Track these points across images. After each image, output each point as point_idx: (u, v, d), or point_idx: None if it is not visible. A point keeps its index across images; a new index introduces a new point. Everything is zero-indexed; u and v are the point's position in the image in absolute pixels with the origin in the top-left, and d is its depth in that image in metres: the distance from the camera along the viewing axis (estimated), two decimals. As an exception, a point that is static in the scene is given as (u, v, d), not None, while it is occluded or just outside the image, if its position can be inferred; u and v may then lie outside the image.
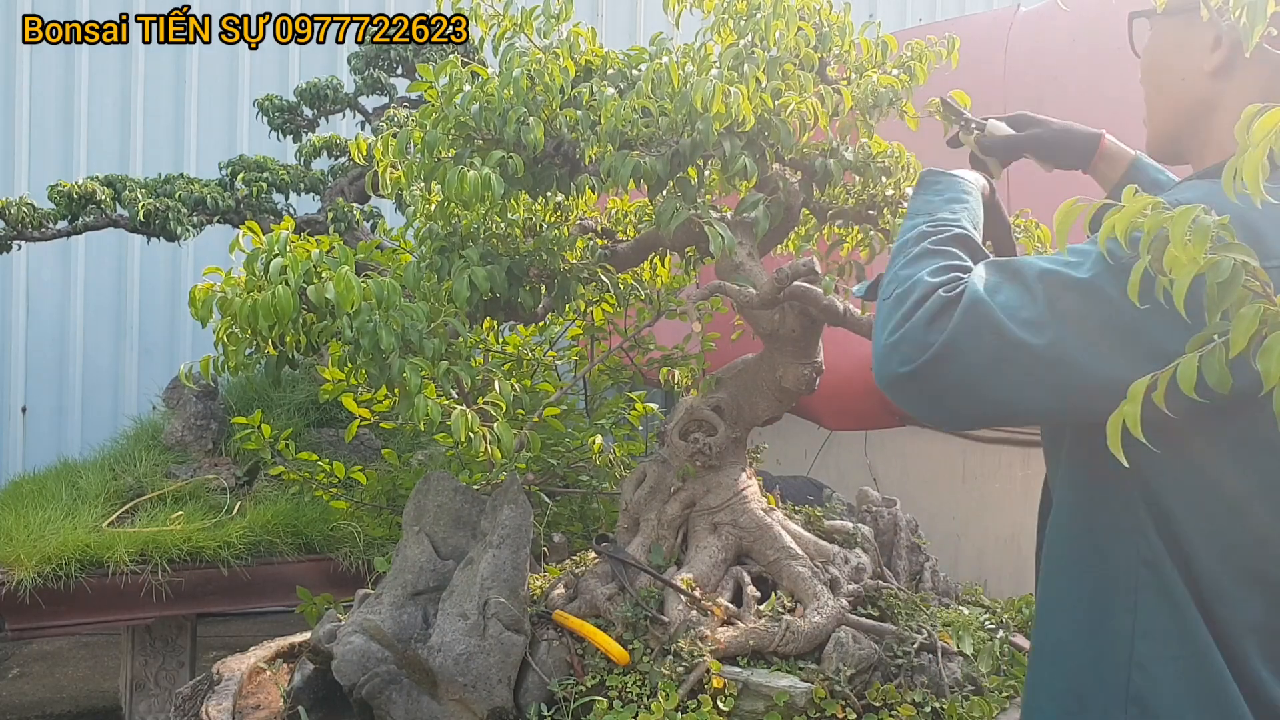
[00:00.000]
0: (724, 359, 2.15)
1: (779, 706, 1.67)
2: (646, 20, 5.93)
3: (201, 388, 3.73)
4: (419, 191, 1.89)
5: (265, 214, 3.93)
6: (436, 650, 1.78)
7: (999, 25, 3.35)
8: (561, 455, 2.70)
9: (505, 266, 1.81)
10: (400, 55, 4.17)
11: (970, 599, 2.23)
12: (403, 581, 1.92)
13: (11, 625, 3.05)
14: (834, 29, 1.82)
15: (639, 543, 1.98)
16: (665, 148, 1.70)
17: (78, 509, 3.29)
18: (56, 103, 5.10)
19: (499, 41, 1.77)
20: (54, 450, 4.70)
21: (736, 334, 2.29)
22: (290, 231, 1.68)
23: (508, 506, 1.92)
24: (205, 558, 3.15)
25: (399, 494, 2.83)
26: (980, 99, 3.16)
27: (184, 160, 5.21)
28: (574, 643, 1.86)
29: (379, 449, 3.49)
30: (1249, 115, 0.80)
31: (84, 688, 4.45)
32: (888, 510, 2.26)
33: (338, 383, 2.60)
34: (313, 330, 1.63)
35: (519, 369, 2.72)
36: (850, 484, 2.86)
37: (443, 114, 1.72)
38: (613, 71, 1.80)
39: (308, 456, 2.76)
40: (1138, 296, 0.86)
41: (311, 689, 1.93)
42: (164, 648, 3.43)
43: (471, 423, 1.60)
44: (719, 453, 1.96)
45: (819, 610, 1.84)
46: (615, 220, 2.16)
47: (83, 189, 3.72)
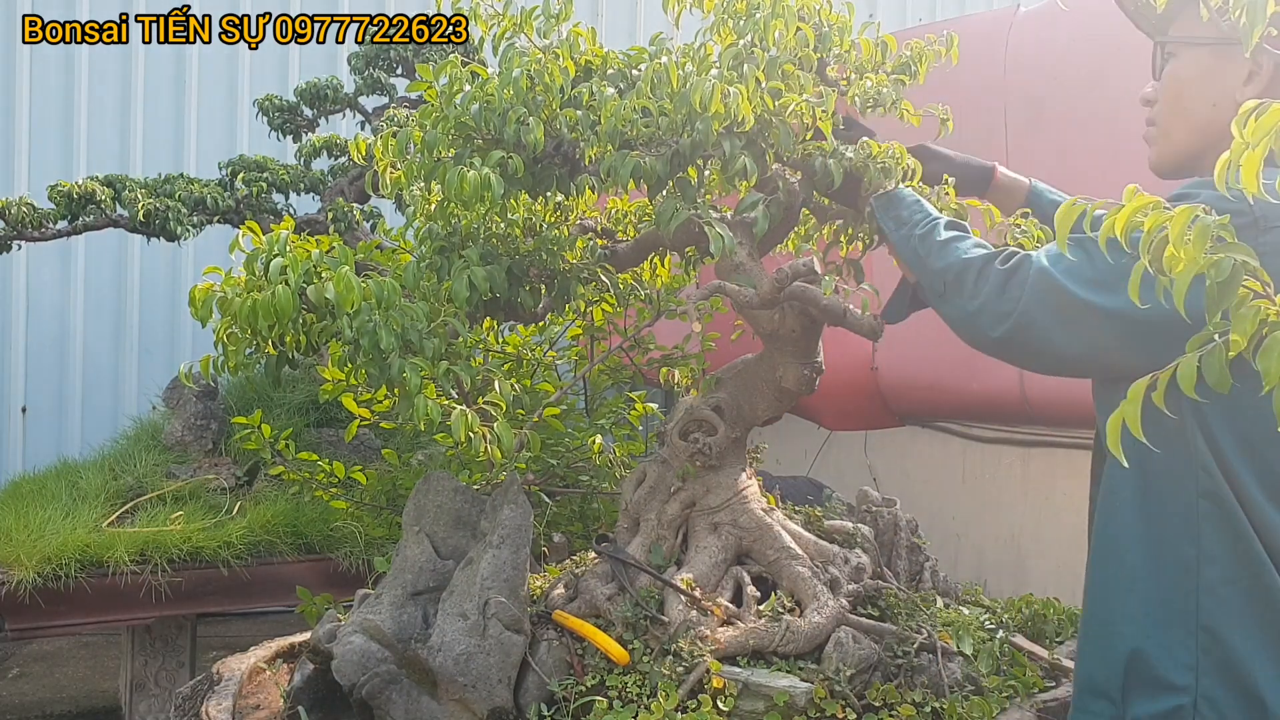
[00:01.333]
0: (724, 359, 2.15)
1: (779, 706, 1.67)
2: (646, 20, 5.93)
3: (201, 388, 3.73)
4: (419, 191, 1.89)
5: (265, 214, 3.93)
6: (436, 650, 1.78)
7: (999, 25, 3.35)
8: (561, 455, 2.70)
9: (505, 266, 1.81)
10: (400, 55, 4.17)
11: (970, 599, 2.23)
12: (403, 581, 1.91)
13: (11, 625, 3.05)
14: (834, 29, 1.82)
15: (639, 543, 1.98)
16: (665, 148, 1.70)
17: (78, 509, 3.29)
18: (56, 103, 5.10)
19: (499, 41, 1.77)
20: (54, 450, 4.70)
21: (736, 334, 2.29)
22: (290, 231, 1.67)
23: (508, 506, 1.92)
24: (205, 558, 3.15)
25: (399, 494, 2.83)
26: (981, 99, 3.17)
27: (184, 160, 5.21)
28: (574, 643, 1.86)
29: (379, 449, 3.49)
30: (1246, 111, 0.80)
31: (84, 688, 4.45)
32: (888, 510, 2.26)
33: (338, 383, 2.60)
34: (313, 330, 1.63)
35: (519, 369, 2.72)
36: (850, 484, 2.86)
37: (443, 114, 1.72)
38: (613, 71, 1.80)
39: (308, 456, 2.76)
40: (1138, 296, 0.87)
41: (311, 689, 1.93)
42: (164, 648, 3.43)
43: (471, 423, 1.60)
44: (719, 453, 1.96)
45: (819, 610, 1.84)
46: (615, 220, 2.16)
47: (83, 189, 3.72)
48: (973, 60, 3.35)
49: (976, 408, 3.34)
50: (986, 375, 3.09)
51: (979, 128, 3.08)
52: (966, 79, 3.26)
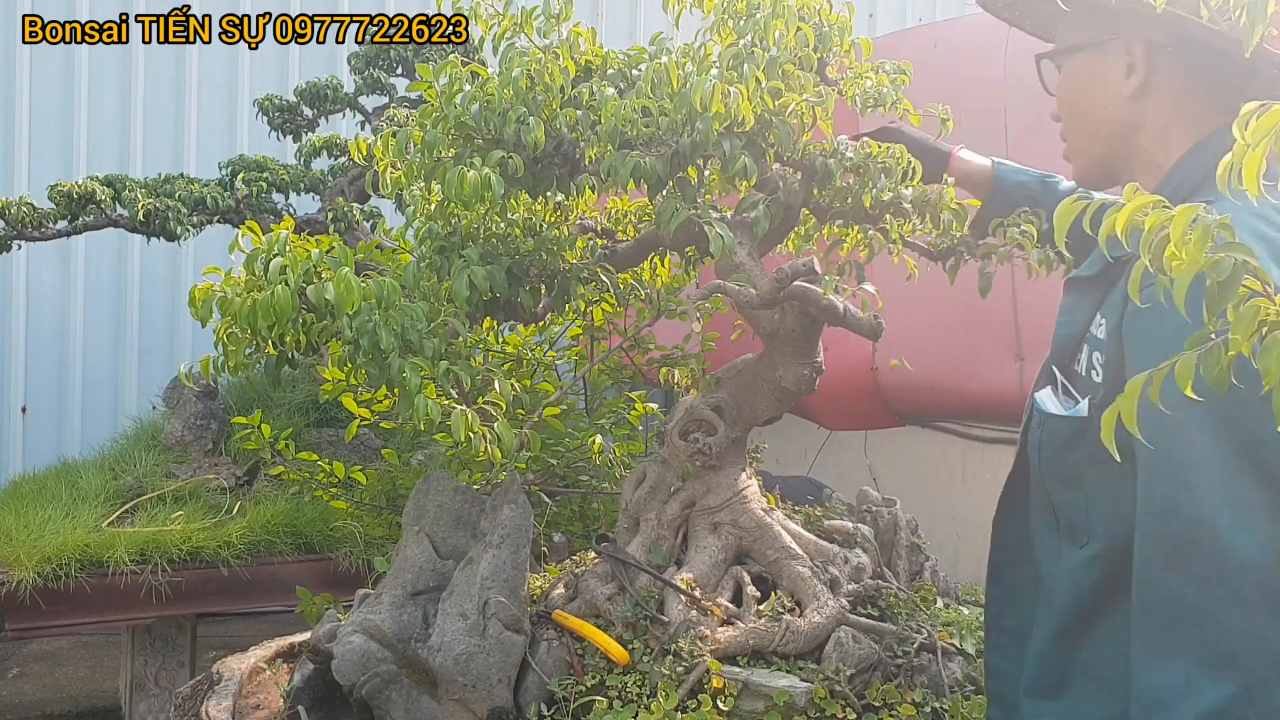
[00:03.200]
0: (724, 359, 2.15)
1: (779, 706, 1.67)
2: (646, 20, 5.92)
3: (201, 388, 3.73)
4: (419, 191, 1.89)
5: (265, 214, 3.92)
6: (436, 650, 1.78)
7: (1000, 25, 3.34)
8: (561, 455, 2.70)
9: (505, 266, 1.81)
10: (400, 55, 4.16)
11: (970, 599, 2.23)
12: (402, 581, 1.91)
13: (11, 625, 3.05)
14: (834, 29, 1.82)
15: (639, 543, 1.98)
16: (665, 148, 1.70)
17: (78, 509, 3.29)
18: (56, 103, 5.09)
19: (499, 41, 1.77)
20: (54, 450, 4.69)
21: (736, 334, 2.29)
22: (290, 231, 1.67)
23: (508, 506, 1.92)
24: (205, 558, 3.14)
25: (399, 494, 2.83)
26: (982, 99, 3.16)
27: (184, 160, 5.20)
28: (574, 643, 1.86)
29: (379, 449, 3.49)
30: (1247, 113, 0.79)
31: (84, 688, 4.44)
32: (888, 510, 2.26)
33: (338, 383, 2.60)
34: (312, 330, 1.63)
35: (519, 369, 2.72)
36: (850, 484, 2.86)
37: (442, 114, 1.72)
38: (613, 71, 1.79)
39: (308, 456, 2.76)
40: (1138, 296, 0.86)
41: (311, 689, 1.93)
42: (164, 648, 3.42)
43: (471, 423, 1.60)
44: (719, 453, 1.96)
45: (819, 610, 1.84)
46: (615, 220, 2.16)
47: (83, 189, 3.71)
48: (974, 60, 3.36)
49: (976, 408, 3.34)
50: (986, 375, 3.08)
51: (979, 128, 3.08)
52: (968, 79, 3.26)
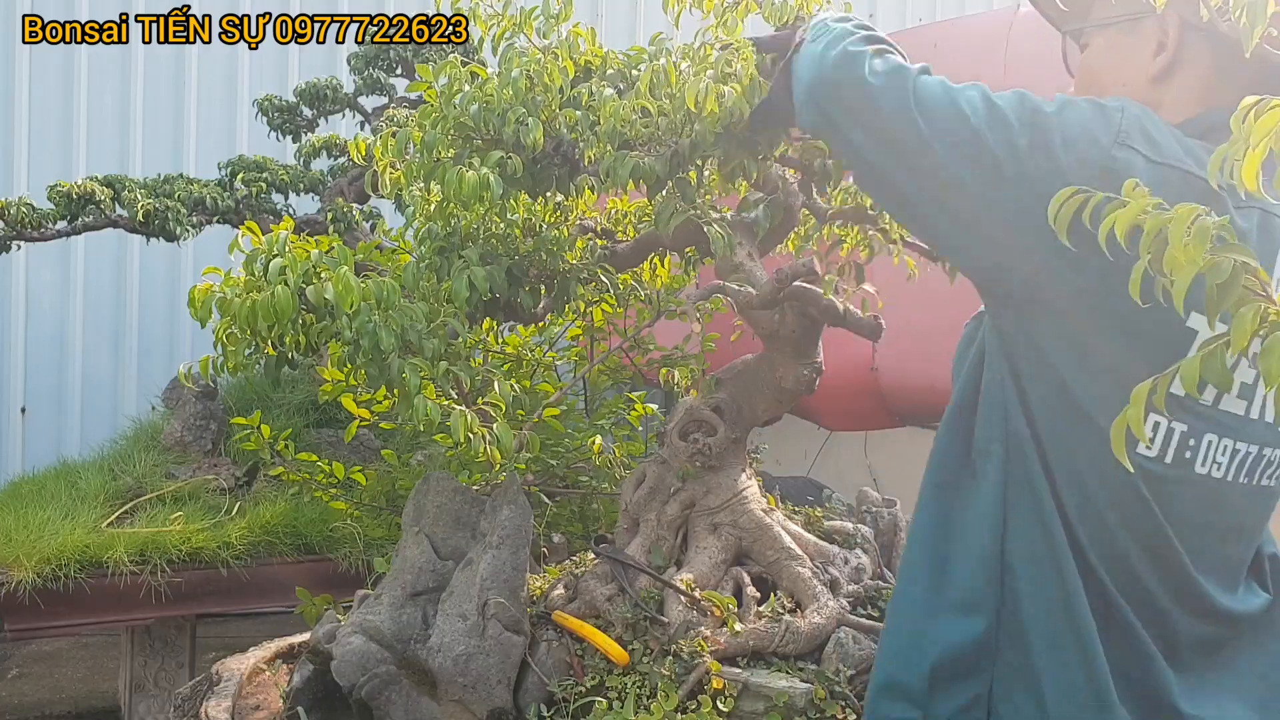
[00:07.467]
0: (724, 359, 2.15)
1: (779, 707, 1.67)
2: (646, 20, 5.92)
3: (201, 388, 3.73)
4: (418, 192, 1.89)
5: (265, 214, 3.92)
6: (436, 651, 1.77)
7: (999, 25, 3.34)
8: (561, 456, 2.69)
9: (505, 267, 1.81)
10: (400, 55, 4.16)
11: (970, 599, 2.23)
12: (402, 582, 1.91)
13: (11, 626, 3.05)
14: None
15: (639, 543, 1.98)
16: (664, 148, 1.70)
17: (77, 509, 3.29)
18: (56, 103, 5.09)
19: (498, 41, 1.77)
20: (53, 450, 4.69)
21: (736, 334, 2.29)
22: (289, 232, 1.67)
23: (507, 507, 1.92)
24: (205, 558, 3.14)
25: (399, 494, 2.82)
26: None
27: (183, 160, 5.20)
28: (574, 643, 1.86)
29: (379, 449, 3.48)
30: (1246, 107, 0.79)
31: (84, 688, 4.44)
32: (888, 510, 2.25)
33: (337, 383, 2.59)
34: (312, 330, 1.63)
35: (519, 369, 2.72)
36: (850, 484, 2.86)
37: (442, 114, 1.72)
38: (612, 72, 1.79)
39: (307, 457, 2.76)
40: (1139, 295, 0.86)
41: (311, 689, 1.93)
42: (163, 648, 3.42)
43: (471, 423, 1.60)
44: (719, 453, 1.96)
45: (819, 611, 1.84)
46: (615, 220, 2.16)
47: (82, 189, 3.71)
48: (973, 60, 3.36)
49: (976, 408, 3.32)
50: (986, 375, 3.07)
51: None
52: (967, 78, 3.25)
